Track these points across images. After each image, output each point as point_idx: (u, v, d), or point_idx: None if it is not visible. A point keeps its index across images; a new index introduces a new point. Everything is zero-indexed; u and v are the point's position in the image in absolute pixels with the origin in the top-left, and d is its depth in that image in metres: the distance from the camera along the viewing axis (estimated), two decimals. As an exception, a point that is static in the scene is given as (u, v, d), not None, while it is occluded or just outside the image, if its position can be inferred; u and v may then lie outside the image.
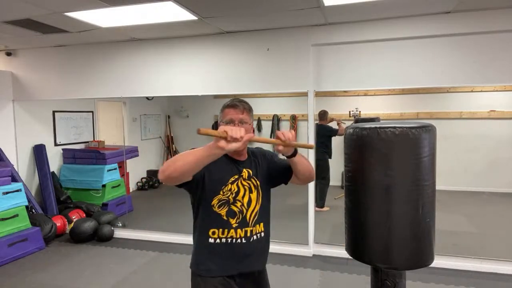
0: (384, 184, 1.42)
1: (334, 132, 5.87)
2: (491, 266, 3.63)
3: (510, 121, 6.68)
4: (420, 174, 1.42)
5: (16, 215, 4.22)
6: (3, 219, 4.08)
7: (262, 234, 1.76)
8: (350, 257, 1.61)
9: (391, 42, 3.71)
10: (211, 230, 1.68)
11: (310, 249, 4.15)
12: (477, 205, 6.20)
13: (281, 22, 3.80)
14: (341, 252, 3.81)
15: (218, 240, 1.67)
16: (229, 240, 1.68)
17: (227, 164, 1.70)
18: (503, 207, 6.05)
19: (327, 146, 5.85)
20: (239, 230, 1.68)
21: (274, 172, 1.81)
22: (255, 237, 1.72)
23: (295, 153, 1.61)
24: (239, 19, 3.67)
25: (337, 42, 3.86)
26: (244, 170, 1.73)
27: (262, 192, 1.76)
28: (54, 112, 5.66)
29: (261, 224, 1.76)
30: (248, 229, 1.70)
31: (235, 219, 1.68)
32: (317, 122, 5.82)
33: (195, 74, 4.32)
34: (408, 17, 3.61)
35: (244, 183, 1.72)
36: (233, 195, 1.68)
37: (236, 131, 1.34)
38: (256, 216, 1.73)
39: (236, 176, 1.70)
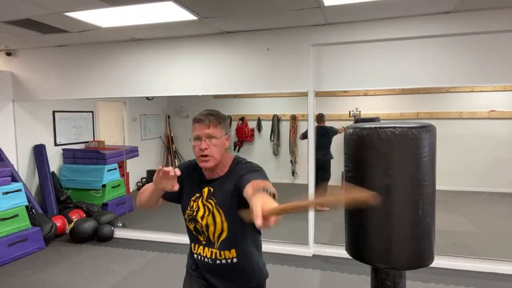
0: (384, 184, 1.42)
1: (335, 131, 5.95)
2: (491, 266, 3.63)
3: (510, 121, 6.68)
4: (420, 174, 1.42)
5: (16, 215, 4.22)
6: (3, 219, 4.08)
7: (234, 260, 1.60)
8: (350, 257, 1.61)
9: (391, 42, 3.71)
10: (192, 244, 1.72)
11: (310, 249, 4.15)
12: (477, 205, 6.20)
13: (281, 22, 3.80)
14: (341, 252, 3.81)
15: (193, 253, 1.71)
16: (199, 256, 1.67)
17: (196, 180, 1.67)
18: (503, 207, 6.05)
19: (328, 147, 5.89)
20: (206, 249, 1.64)
21: (239, 185, 1.47)
22: (223, 261, 1.61)
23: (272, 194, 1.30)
24: (239, 19, 3.67)
25: (337, 42, 3.86)
26: (205, 189, 1.63)
27: (227, 216, 1.56)
28: (54, 112, 5.66)
29: (232, 251, 1.60)
30: (214, 250, 1.61)
31: (202, 236, 1.65)
32: (316, 124, 5.86)
33: (195, 74, 4.32)
34: (408, 17, 3.61)
35: (206, 203, 1.62)
36: (194, 212, 1.63)
37: (159, 173, 1.42)
38: (222, 241, 1.59)
39: (197, 195, 1.64)
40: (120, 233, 4.87)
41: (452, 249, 4.04)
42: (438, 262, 3.53)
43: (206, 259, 1.64)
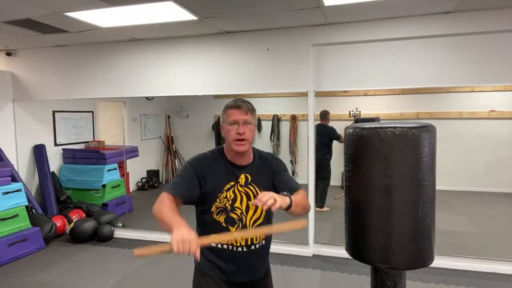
0: (384, 184, 1.42)
1: (337, 136, 5.79)
2: (491, 266, 3.63)
3: (510, 121, 6.68)
4: (420, 174, 1.42)
5: (16, 215, 4.22)
6: (3, 219, 4.08)
7: (263, 242, 1.70)
8: (350, 257, 1.61)
9: (391, 42, 3.71)
10: (213, 236, 1.62)
11: (310, 249, 4.15)
12: (477, 205, 6.20)
13: (281, 22, 3.80)
14: (341, 252, 3.81)
15: (219, 245, 1.66)
16: (230, 247, 1.65)
17: (224, 169, 1.67)
18: (503, 207, 6.05)
19: (329, 146, 5.81)
20: (239, 238, 1.65)
21: (277, 186, 1.71)
22: (257, 245, 1.67)
23: (289, 205, 1.49)
24: (239, 19, 3.67)
25: (337, 42, 3.86)
26: (242, 175, 1.67)
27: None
28: (54, 112, 5.66)
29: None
30: (249, 237, 1.66)
31: (235, 226, 1.64)
32: (319, 122, 5.86)
33: (195, 74, 4.32)
34: (408, 17, 3.61)
35: (241, 189, 1.66)
36: (230, 202, 1.63)
37: (184, 246, 1.24)
38: (257, 225, 1.67)
39: (232, 183, 1.65)
40: (120, 233, 4.87)
41: (452, 249, 4.04)
42: (438, 262, 3.53)
43: (240, 248, 1.64)
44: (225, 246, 1.65)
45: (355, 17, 3.64)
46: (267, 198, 1.37)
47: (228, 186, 1.64)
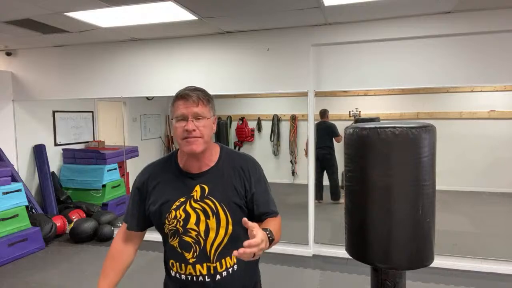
0: (384, 184, 1.42)
1: (337, 134, 5.95)
2: (491, 266, 3.63)
3: (510, 121, 6.68)
4: (420, 174, 1.42)
5: (16, 215, 4.22)
6: (3, 219, 4.08)
7: (235, 266, 1.35)
8: (350, 257, 1.61)
9: (391, 42, 3.71)
10: (171, 261, 1.39)
11: (310, 249, 4.15)
12: (477, 205, 6.20)
13: (281, 22, 3.80)
14: (341, 252, 3.81)
15: (177, 275, 1.37)
16: (189, 277, 1.34)
17: (174, 180, 1.36)
18: (503, 207, 6.05)
19: (332, 141, 5.99)
20: (198, 266, 1.32)
21: (250, 205, 1.37)
22: (224, 273, 1.33)
23: (271, 245, 1.22)
24: (239, 19, 3.67)
25: (337, 42, 3.86)
26: (197, 187, 1.33)
27: (229, 217, 1.32)
28: (54, 112, 5.66)
29: (233, 257, 1.34)
30: (211, 264, 1.32)
31: (191, 252, 1.32)
32: (319, 120, 6.06)
33: (195, 74, 4.32)
34: (408, 17, 3.61)
35: (196, 205, 1.32)
36: (181, 223, 1.31)
37: None
38: (222, 250, 1.32)
39: (183, 199, 1.33)
40: (120, 233, 4.87)
41: (452, 249, 4.04)
42: (438, 262, 3.53)
43: (201, 279, 1.32)
44: (183, 277, 1.35)
45: (355, 17, 3.64)
46: (259, 249, 1.08)
47: (177, 203, 1.33)
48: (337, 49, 3.89)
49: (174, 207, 1.33)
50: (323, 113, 6.14)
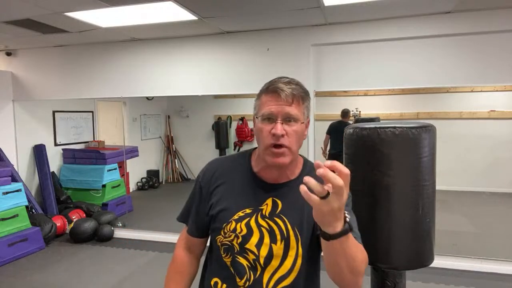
0: (384, 184, 1.42)
1: None
2: (491, 266, 3.63)
3: (510, 121, 6.68)
4: (420, 174, 1.42)
5: (16, 215, 4.22)
6: (3, 219, 4.07)
7: None
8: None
9: (391, 42, 3.71)
10: (214, 279, 1.12)
11: (310, 249, 4.15)
12: (477, 205, 6.20)
13: (281, 22, 3.80)
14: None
15: None
16: None
17: (244, 184, 1.12)
18: (503, 207, 6.05)
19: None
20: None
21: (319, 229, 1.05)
22: None
23: (342, 232, 0.83)
24: (239, 19, 3.67)
25: (337, 42, 3.86)
26: (269, 200, 1.08)
27: (301, 247, 1.05)
28: (54, 112, 5.66)
29: None
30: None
31: (244, 278, 1.05)
32: (340, 119, 6.24)
33: (195, 74, 4.32)
34: (408, 17, 3.61)
35: (262, 222, 1.06)
36: (239, 239, 1.05)
37: None
38: (281, 286, 1.05)
39: (249, 210, 1.07)
40: (120, 233, 4.87)
41: (452, 249, 4.04)
42: (438, 262, 3.52)
43: None
44: None
45: (355, 17, 3.64)
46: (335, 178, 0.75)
47: (240, 213, 1.07)
48: (337, 49, 3.89)
49: (235, 217, 1.07)
50: (346, 113, 6.19)
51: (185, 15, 3.44)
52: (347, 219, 0.84)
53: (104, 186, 5.61)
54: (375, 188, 1.45)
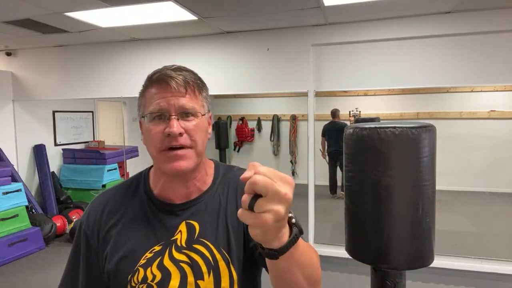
0: (384, 184, 1.42)
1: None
2: (491, 266, 3.63)
3: (510, 121, 6.68)
4: (420, 174, 1.42)
5: (16, 215, 4.22)
6: (3, 219, 4.07)
7: None
8: (350, 257, 1.61)
9: (391, 42, 3.71)
10: None
11: (310, 249, 4.15)
12: (477, 205, 6.20)
13: (281, 22, 3.80)
14: (341, 252, 3.81)
15: None
16: None
17: (145, 218, 0.86)
18: (503, 207, 6.05)
19: (338, 141, 6.22)
20: None
21: (251, 240, 0.82)
22: None
23: (292, 241, 0.61)
24: (239, 19, 3.67)
25: (337, 42, 3.86)
26: (182, 226, 0.84)
27: (234, 272, 0.83)
28: (54, 112, 5.66)
29: None
30: None
31: None
32: (330, 120, 6.42)
33: (195, 74, 4.32)
34: (408, 17, 3.61)
35: (180, 256, 0.82)
36: (155, 287, 0.81)
37: None
38: None
39: (157, 248, 0.83)
40: (120, 233, 4.87)
41: (452, 249, 4.04)
42: (438, 262, 3.52)
43: None
44: None
45: (355, 17, 3.64)
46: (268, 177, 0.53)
47: (148, 254, 0.82)
48: (337, 49, 3.89)
49: (142, 262, 0.82)
50: (334, 113, 6.32)
51: (185, 15, 3.44)
52: (293, 219, 0.62)
53: (104, 186, 5.61)
54: (375, 188, 1.45)
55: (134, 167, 7.16)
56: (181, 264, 0.81)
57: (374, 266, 1.52)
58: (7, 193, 4.18)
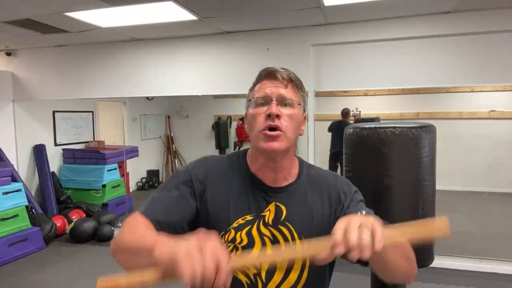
0: (384, 184, 1.42)
1: None
2: (491, 266, 3.63)
3: (510, 121, 6.68)
4: (420, 174, 1.42)
5: (16, 215, 4.22)
6: (3, 219, 4.07)
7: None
8: (350, 257, 1.60)
9: (391, 42, 3.71)
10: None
11: (310, 249, 4.15)
12: (477, 205, 6.20)
13: (281, 22, 3.80)
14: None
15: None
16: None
17: (241, 188, 0.97)
18: (503, 207, 6.05)
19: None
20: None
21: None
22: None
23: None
24: (239, 19, 3.67)
25: (337, 42, 3.86)
26: (271, 206, 0.95)
27: (308, 260, 0.92)
28: (54, 112, 5.66)
29: None
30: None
31: None
32: (340, 119, 6.32)
33: (195, 74, 4.32)
34: (408, 17, 3.61)
35: (265, 231, 0.93)
36: (239, 250, 0.91)
37: (203, 264, 0.57)
38: None
39: (250, 217, 0.93)
40: (120, 233, 4.87)
41: (452, 249, 4.04)
42: (438, 262, 3.52)
43: None
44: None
45: (355, 17, 3.64)
46: (350, 236, 0.64)
47: (241, 221, 0.93)
48: (337, 49, 3.89)
49: (235, 225, 0.92)
50: (346, 113, 6.25)
51: (185, 15, 3.44)
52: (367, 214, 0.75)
53: (104, 186, 5.61)
54: (375, 188, 1.45)
55: (134, 167, 7.18)
56: (264, 237, 0.92)
57: (374, 266, 1.52)
58: (7, 193, 4.18)
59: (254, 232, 0.92)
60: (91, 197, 5.63)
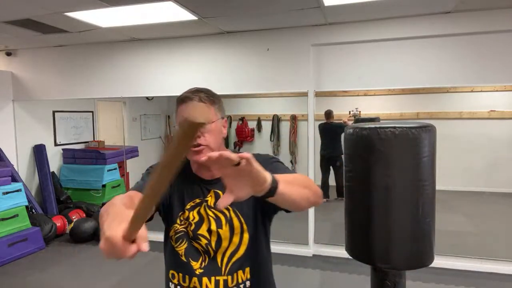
0: (384, 184, 1.42)
1: (341, 128, 6.07)
2: (491, 266, 3.63)
3: (510, 121, 6.68)
4: (420, 174, 1.42)
5: (16, 215, 4.22)
6: (3, 219, 4.07)
7: (248, 283, 1.22)
8: (350, 257, 1.61)
9: (391, 42, 3.71)
10: (171, 272, 1.26)
11: (310, 249, 4.15)
12: (477, 205, 6.20)
13: (281, 22, 3.80)
14: (341, 252, 3.81)
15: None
16: None
17: (190, 182, 1.26)
18: (503, 207, 6.05)
19: (334, 143, 6.08)
20: (205, 280, 1.18)
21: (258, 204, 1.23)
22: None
23: (273, 187, 0.88)
24: (239, 19, 3.67)
25: (337, 42, 3.86)
26: (211, 193, 1.23)
27: (244, 224, 1.22)
28: (54, 112, 5.66)
29: (247, 270, 1.22)
30: (221, 278, 1.18)
31: (199, 261, 1.20)
32: (324, 121, 6.25)
33: (195, 74, 4.32)
34: (408, 17, 3.61)
35: (209, 212, 1.22)
36: (192, 226, 1.20)
37: (109, 250, 0.66)
38: (234, 260, 1.21)
39: (198, 200, 1.22)
40: (120, 233, 4.87)
41: (452, 249, 4.04)
42: (438, 262, 3.53)
43: None
44: None
45: (355, 17, 3.64)
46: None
47: (191, 203, 1.23)
48: (337, 49, 3.89)
49: (188, 207, 1.22)
50: (329, 114, 6.23)
51: (185, 15, 3.44)
52: (275, 182, 0.91)
53: (104, 186, 5.61)
54: (375, 188, 1.45)
55: (134, 167, 7.17)
56: (209, 216, 1.21)
57: (374, 266, 1.52)
58: (7, 193, 4.18)
59: (202, 211, 1.21)
60: (91, 197, 5.64)
